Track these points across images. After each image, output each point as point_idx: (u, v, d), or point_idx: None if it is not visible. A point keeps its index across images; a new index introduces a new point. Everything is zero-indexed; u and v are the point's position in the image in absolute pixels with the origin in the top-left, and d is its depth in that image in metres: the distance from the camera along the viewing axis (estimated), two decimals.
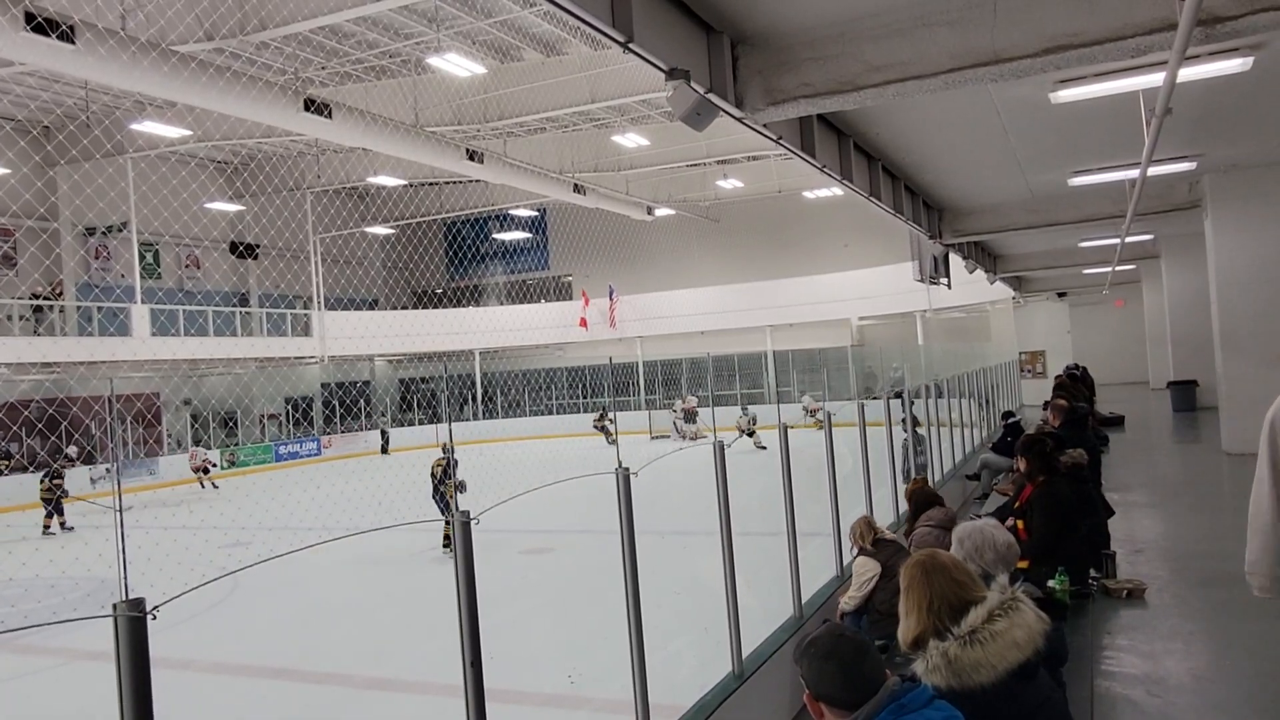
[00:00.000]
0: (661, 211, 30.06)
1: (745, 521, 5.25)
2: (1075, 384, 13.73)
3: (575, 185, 24.78)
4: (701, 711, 4.56)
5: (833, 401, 11.04)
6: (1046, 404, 10.23)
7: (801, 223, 31.26)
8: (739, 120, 5.75)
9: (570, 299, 35.09)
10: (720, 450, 5.06)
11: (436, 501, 12.90)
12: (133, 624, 2.04)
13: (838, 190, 12.70)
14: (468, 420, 32.98)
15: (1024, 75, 5.14)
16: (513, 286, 37.49)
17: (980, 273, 18.26)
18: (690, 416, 27.48)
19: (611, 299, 33.04)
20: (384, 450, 30.04)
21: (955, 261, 15.89)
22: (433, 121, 20.31)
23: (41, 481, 18.22)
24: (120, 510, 2.23)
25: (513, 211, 32.07)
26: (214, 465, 23.49)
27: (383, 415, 33.22)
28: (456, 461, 12.10)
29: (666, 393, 32.33)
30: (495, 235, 36.42)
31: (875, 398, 12.59)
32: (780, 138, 6.43)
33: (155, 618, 2.04)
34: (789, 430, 6.01)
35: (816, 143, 7.23)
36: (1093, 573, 6.41)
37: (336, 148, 25.41)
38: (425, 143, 19.09)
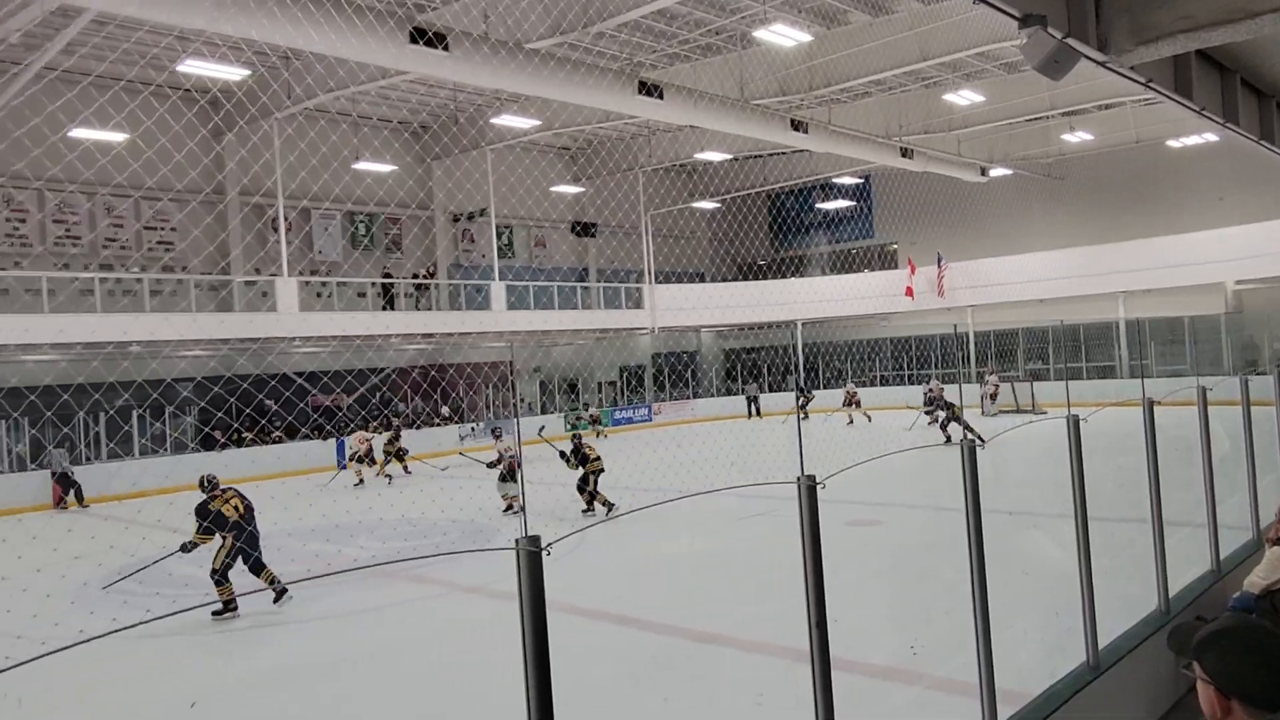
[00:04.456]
0: (996, 172, 28.11)
1: (1099, 505, 4.85)
2: None
3: (902, 149, 23.89)
4: (1052, 700, 4.31)
5: (1207, 377, 9.76)
6: None
7: (1164, 175, 27.76)
8: (1101, 64, 5.24)
9: (895, 267, 33.98)
10: (1074, 426, 4.71)
11: None
12: (530, 557, 2.34)
13: (1211, 136, 11.13)
14: (790, 391, 33.20)
15: None
16: (836, 256, 37.01)
17: None
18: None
19: (940, 266, 31.53)
20: (751, 414, 31.13)
21: None
22: (758, 94, 20.51)
23: (387, 442, 20.28)
24: (520, 463, 2.53)
25: (836, 180, 31.61)
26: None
27: (754, 380, 34.24)
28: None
29: (1001, 365, 30.35)
30: (818, 205, 36.10)
31: (1260, 372, 10.97)
32: (1150, 80, 5.77)
33: (549, 553, 2.33)
34: (1155, 406, 5.44)
35: (1194, 83, 6.40)
36: None
37: (667, 127, 26.50)
38: (751, 116, 19.35)
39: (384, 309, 24.62)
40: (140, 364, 19.65)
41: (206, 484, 9.15)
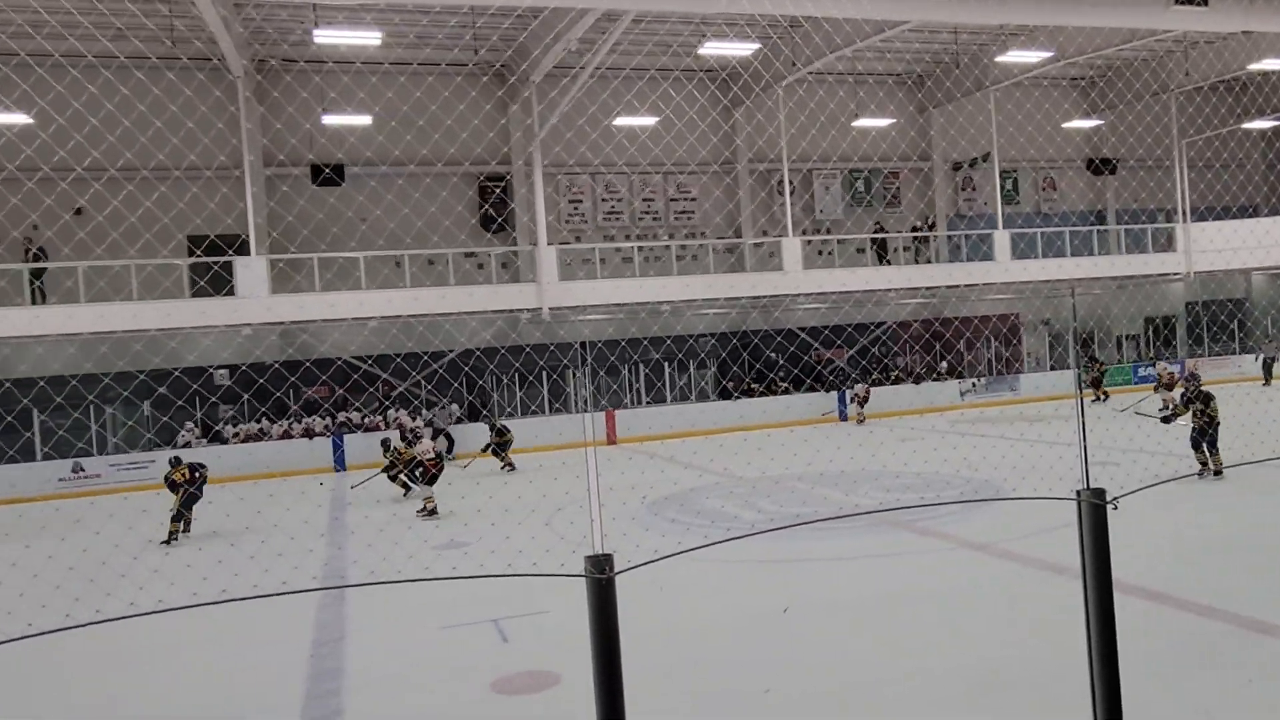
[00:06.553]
0: None
1: None
2: None
3: None
4: None
5: None
6: None
7: None
8: None
9: None
10: None
11: None
12: (1094, 510, 2.34)
13: None
14: None
15: None
16: None
17: None
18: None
19: None
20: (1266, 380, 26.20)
21: None
22: None
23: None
24: (1082, 414, 2.54)
25: None
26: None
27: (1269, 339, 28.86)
28: None
29: None
30: None
31: None
32: None
33: (1115, 508, 2.30)
34: None
35: None
36: None
37: (1209, 38, 22.86)
38: None
39: (883, 264, 24.84)
40: (676, 317, 22.41)
41: (172, 461, 12.92)
